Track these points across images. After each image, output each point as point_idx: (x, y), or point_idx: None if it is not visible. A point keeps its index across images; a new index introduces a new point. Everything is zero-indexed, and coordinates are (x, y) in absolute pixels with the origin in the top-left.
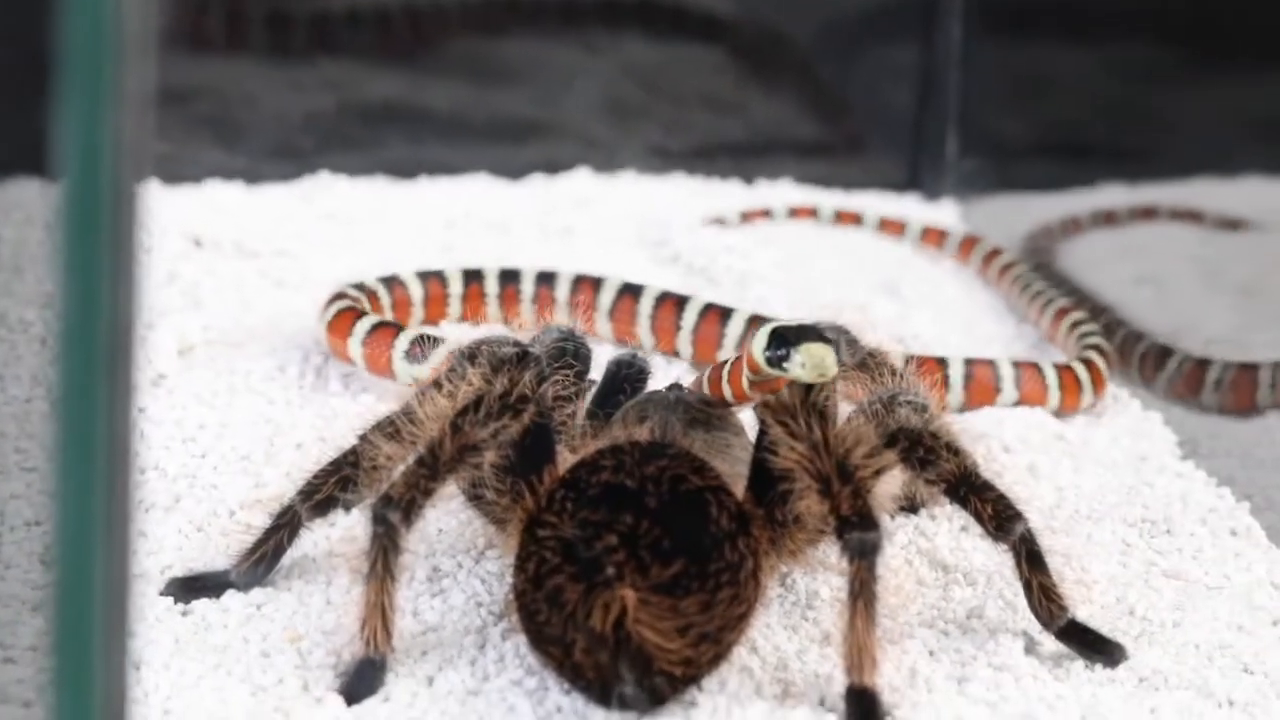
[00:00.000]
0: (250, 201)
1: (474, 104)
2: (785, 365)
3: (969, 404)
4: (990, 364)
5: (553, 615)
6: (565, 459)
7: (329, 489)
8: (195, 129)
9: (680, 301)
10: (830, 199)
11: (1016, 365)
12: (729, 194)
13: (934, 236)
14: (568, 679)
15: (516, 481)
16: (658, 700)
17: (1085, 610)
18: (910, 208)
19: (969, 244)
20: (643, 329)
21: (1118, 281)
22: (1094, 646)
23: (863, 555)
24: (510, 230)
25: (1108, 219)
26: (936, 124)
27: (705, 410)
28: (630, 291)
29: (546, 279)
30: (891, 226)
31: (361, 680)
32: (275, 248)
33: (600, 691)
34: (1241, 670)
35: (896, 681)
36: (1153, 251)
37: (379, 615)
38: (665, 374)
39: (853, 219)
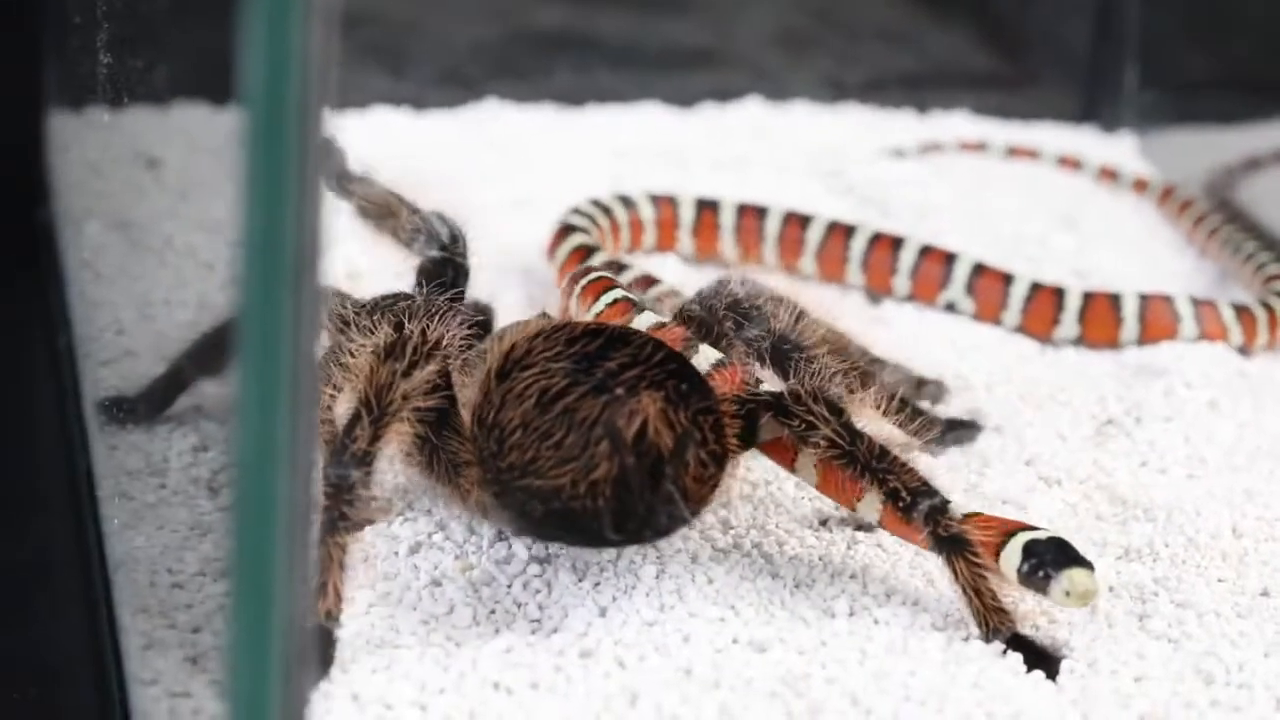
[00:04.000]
0: (417, 129)
1: (644, 32)
2: (1048, 589)
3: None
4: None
5: (566, 439)
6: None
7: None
8: (362, 55)
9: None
10: (1047, 139)
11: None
12: (903, 125)
13: (1162, 193)
14: (568, 521)
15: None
16: (678, 523)
17: (1269, 548)
18: (1087, 140)
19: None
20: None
21: None
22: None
23: (942, 515)
24: (681, 160)
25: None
26: (1115, 55)
27: None
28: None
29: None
30: (1108, 175)
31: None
32: (442, 175)
33: (615, 517)
34: None
35: (1075, 617)
36: None
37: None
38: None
39: (1073, 164)
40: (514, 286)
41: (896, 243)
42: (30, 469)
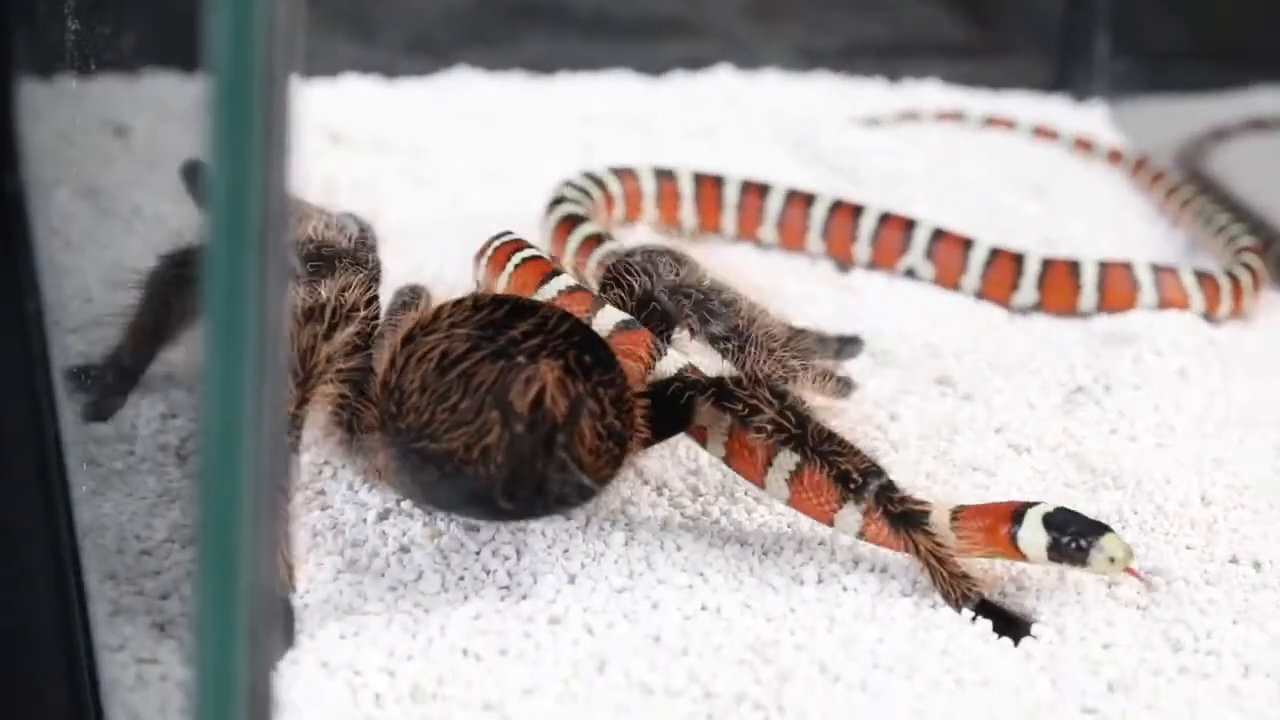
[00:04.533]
0: (387, 97)
1: (615, 0)
2: (1087, 560)
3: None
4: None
5: (461, 403)
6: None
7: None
8: (332, 23)
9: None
10: (1019, 109)
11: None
12: (874, 94)
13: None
14: (461, 487)
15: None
16: (575, 496)
17: (1237, 515)
18: (1058, 110)
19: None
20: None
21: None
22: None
23: (892, 493)
24: (651, 129)
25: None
26: (1087, 24)
27: None
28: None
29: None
30: (1082, 145)
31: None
32: (412, 144)
33: (507, 485)
34: None
35: (1045, 584)
36: None
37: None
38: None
39: (1049, 134)
40: None
41: (857, 210)
42: None
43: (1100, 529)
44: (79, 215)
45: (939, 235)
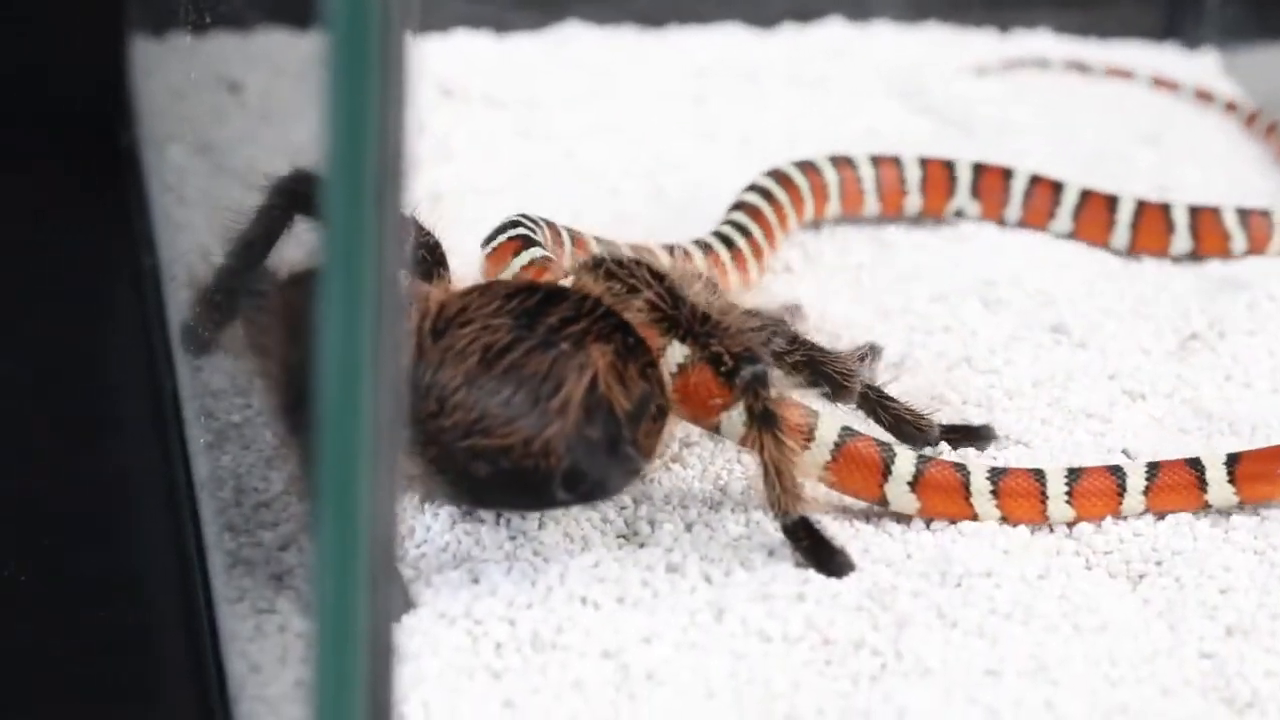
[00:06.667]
0: (499, 51)
1: None
2: None
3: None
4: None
5: (515, 396)
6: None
7: None
8: None
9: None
10: (1129, 58)
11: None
12: (984, 44)
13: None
14: (517, 482)
15: None
16: (632, 479)
17: None
18: (1170, 58)
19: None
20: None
21: None
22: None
23: (762, 387)
24: (761, 81)
25: None
26: None
27: None
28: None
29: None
30: (1232, 109)
31: None
32: (524, 98)
33: (567, 476)
34: None
35: (1160, 529)
36: None
37: None
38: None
39: (1206, 97)
40: (599, 209)
41: (898, 162)
42: (116, 390)
43: None
44: (193, 171)
45: (980, 170)
